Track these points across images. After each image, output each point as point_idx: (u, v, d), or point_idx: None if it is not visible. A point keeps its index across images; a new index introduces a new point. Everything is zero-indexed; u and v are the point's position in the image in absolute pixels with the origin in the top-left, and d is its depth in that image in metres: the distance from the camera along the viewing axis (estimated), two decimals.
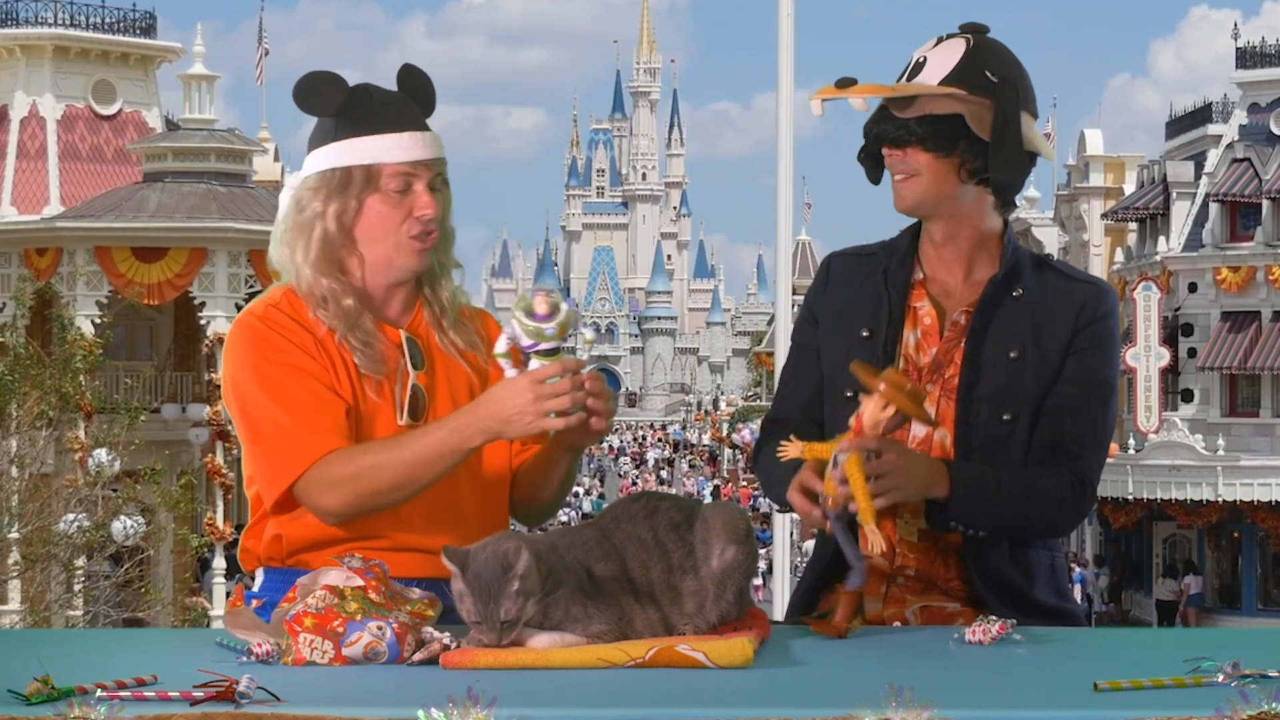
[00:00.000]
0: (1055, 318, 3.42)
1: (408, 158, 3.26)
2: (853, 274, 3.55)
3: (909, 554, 3.42)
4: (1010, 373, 3.38)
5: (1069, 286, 3.46)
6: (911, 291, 3.49)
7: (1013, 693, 2.55)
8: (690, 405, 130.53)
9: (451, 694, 2.23)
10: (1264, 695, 2.25)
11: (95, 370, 26.62)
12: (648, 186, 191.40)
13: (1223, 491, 37.91)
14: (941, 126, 3.36)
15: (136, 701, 2.33)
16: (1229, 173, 42.91)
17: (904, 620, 3.41)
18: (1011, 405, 3.37)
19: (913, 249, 3.51)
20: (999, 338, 3.40)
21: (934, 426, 3.32)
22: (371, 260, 3.30)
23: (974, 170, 3.39)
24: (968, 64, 3.37)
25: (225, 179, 34.05)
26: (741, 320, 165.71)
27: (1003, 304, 3.42)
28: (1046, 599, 3.42)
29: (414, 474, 3.12)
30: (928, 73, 3.39)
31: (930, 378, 3.43)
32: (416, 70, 3.38)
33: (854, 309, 3.49)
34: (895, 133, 3.38)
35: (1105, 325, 3.45)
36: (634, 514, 2.84)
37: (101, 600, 23.74)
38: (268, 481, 3.20)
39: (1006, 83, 3.37)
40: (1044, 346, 3.40)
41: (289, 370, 3.20)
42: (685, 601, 2.80)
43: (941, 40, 3.44)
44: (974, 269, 3.47)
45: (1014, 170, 3.39)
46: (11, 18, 38.68)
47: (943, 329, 3.46)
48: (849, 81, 3.37)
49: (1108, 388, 3.44)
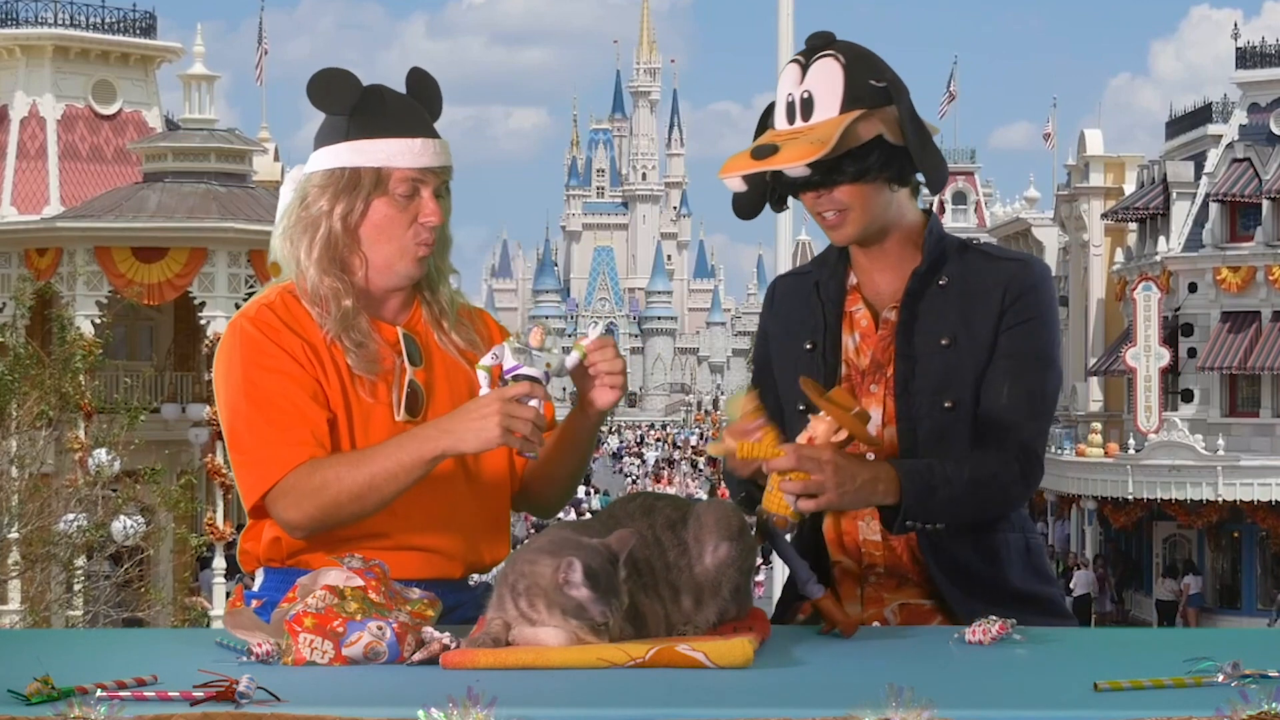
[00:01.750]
0: (982, 299, 3.42)
1: (418, 164, 3.26)
2: (793, 292, 3.61)
3: (874, 552, 3.45)
4: (944, 360, 3.39)
5: (993, 266, 3.46)
6: (846, 297, 3.52)
7: (1013, 693, 2.55)
8: (690, 405, 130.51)
9: (451, 694, 2.23)
10: (1264, 695, 2.25)
11: (95, 370, 26.61)
12: (648, 186, 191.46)
13: (1223, 491, 37.91)
14: (868, 155, 3.34)
15: (136, 701, 2.33)
16: (1229, 173, 42.90)
17: (884, 620, 3.42)
18: (950, 392, 3.39)
19: (844, 257, 3.54)
20: (928, 328, 3.42)
21: (876, 446, 3.30)
22: (373, 262, 3.29)
23: (897, 178, 3.40)
24: (853, 81, 3.34)
25: (225, 179, 34.04)
26: (741, 320, 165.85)
27: (928, 294, 3.44)
28: (1021, 583, 3.43)
29: (375, 484, 3.10)
30: (822, 107, 3.34)
31: (873, 378, 3.45)
32: (425, 74, 3.37)
33: (797, 325, 3.54)
34: (825, 178, 3.35)
35: (1034, 297, 3.44)
36: (632, 513, 2.85)
37: (101, 600, 23.72)
38: (244, 490, 3.22)
39: (892, 81, 3.36)
40: (974, 330, 3.41)
41: (274, 376, 3.19)
42: (683, 599, 2.80)
43: (806, 67, 3.37)
44: (902, 265, 3.48)
45: (937, 158, 3.39)
46: (11, 18, 38.66)
47: (878, 329, 3.48)
48: (769, 150, 3.31)
49: (1044, 358, 3.44)
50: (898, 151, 3.35)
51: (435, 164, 3.28)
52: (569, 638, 2.65)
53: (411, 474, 3.10)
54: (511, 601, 2.69)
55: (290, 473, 3.13)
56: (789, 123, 3.37)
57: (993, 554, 3.42)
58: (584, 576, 2.63)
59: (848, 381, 3.46)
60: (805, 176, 3.34)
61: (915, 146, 3.35)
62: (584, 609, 2.63)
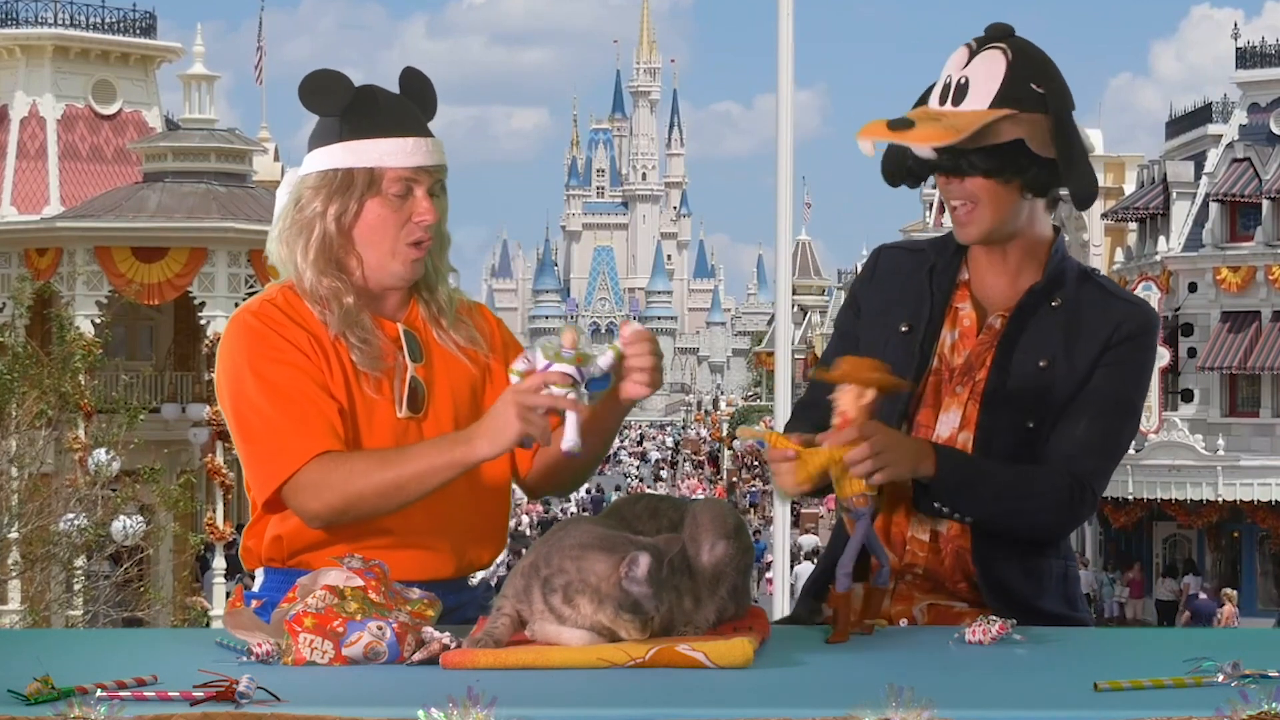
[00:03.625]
0: (1089, 331, 3.39)
1: (410, 163, 3.26)
2: (900, 268, 3.53)
3: (918, 552, 3.42)
4: (1038, 381, 3.36)
5: (1108, 302, 3.43)
6: (955, 291, 3.48)
7: (1013, 693, 2.55)
8: (690, 405, 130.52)
9: (451, 694, 2.23)
10: (1264, 695, 2.25)
11: (95, 370, 26.62)
12: (648, 186, 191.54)
13: (1223, 491, 37.91)
14: (1004, 155, 3.30)
15: (136, 701, 2.33)
16: (1229, 173, 42.89)
17: (911, 618, 3.40)
18: (1035, 414, 3.36)
19: (962, 249, 3.49)
20: (1030, 346, 3.38)
21: (904, 385, 3.23)
22: (369, 262, 3.29)
23: (1033, 186, 3.35)
24: (1014, 80, 3.29)
25: (225, 179, 34.05)
26: (741, 320, 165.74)
27: (1039, 312, 3.40)
28: (1054, 608, 3.40)
29: (402, 484, 3.10)
30: (974, 97, 3.30)
31: (960, 379, 3.42)
32: (418, 73, 3.37)
33: (897, 303, 3.47)
34: (955, 164, 3.32)
35: (1137, 344, 3.41)
36: (639, 514, 2.85)
37: (101, 600, 23.72)
38: (258, 482, 3.20)
39: (1055, 91, 3.32)
40: (1074, 359, 3.37)
41: (283, 368, 3.19)
42: (683, 599, 2.80)
43: (974, 53, 3.34)
44: (1020, 275, 3.44)
45: (1088, 177, 3.34)
46: (11, 18, 38.67)
47: (979, 332, 3.45)
48: (905, 124, 3.29)
49: (1128, 405, 3.41)
50: (1039, 160, 3.30)
51: (428, 163, 3.27)
52: (590, 640, 2.65)
53: (440, 479, 3.10)
54: (542, 597, 2.67)
55: (309, 463, 3.12)
56: (940, 103, 3.34)
57: (1037, 578, 3.40)
58: (647, 572, 2.63)
59: (935, 375, 3.43)
60: (933, 160, 3.32)
61: (1064, 160, 3.30)
62: (640, 605, 2.63)
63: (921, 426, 3.42)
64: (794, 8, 9.50)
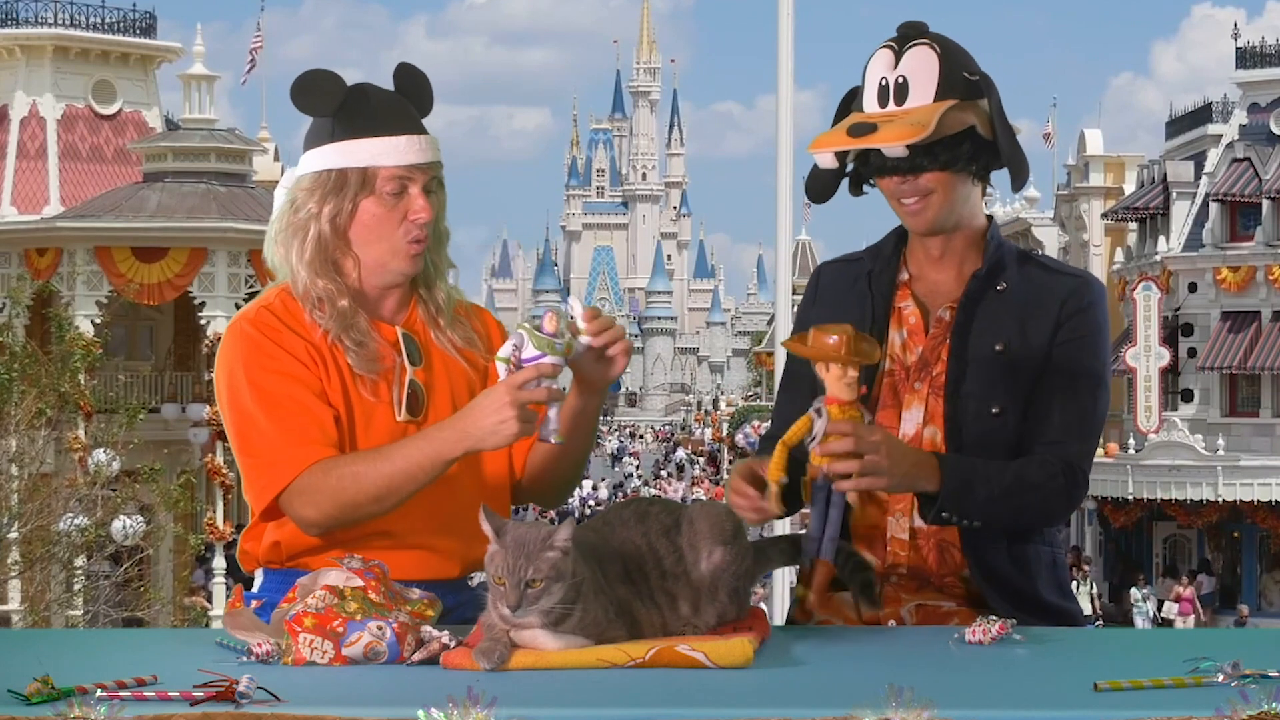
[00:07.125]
0: (1039, 310, 3.43)
1: (404, 161, 3.25)
2: (840, 281, 3.58)
3: (900, 551, 3.43)
4: (996, 367, 3.39)
5: (1052, 279, 3.47)
6: (896, 292, 3.51)
7: (1013, 693, 2.55)
8: (690, 405, 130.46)
9: (451, 694, 2.23)
10: (1264, 695, 2.25)
11: (94, 370, 26.62)
12: (648, 186, 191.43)
13: (1223, 491, 37.88)
14: (959, 145, 3.36)
15: (136, 701, 2.33)
16: (1229, 173, 42.89)
17: (899, 620, 3.40)
18: (999, 399, 3.38)
19: (898, 251, 3.53)
20: (983, 332, 3.41)
21: (875, 356, 3.22)
22: (366, 262, 3.29)
23: (982, 173, 3.43)
24: (949, 71, 3.37)
25: (225, 179, 34.05)
26: (741, 320, 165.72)
27: (986, 298, 3.44)
28: (1048, 596, 3.43)
29: (394, 485, 3.10)
30: (917, 93, 3.36)
31: (919, 376, 3.45)
32: (413, 69, 3.37)
33: (841, 314, 3.49)
34: (913, 162, 3.36)
35: (1090, 316, 3.45)
36: (626, 520, 2.84)
37: (101, 600, 23.74)
38: (255, 492, 3.20)
39: (984, 77, 3.39)
40: (1029, 338, 3.41)
41: (278, 378, 3.19)
42: (680, 606, 2.79)
43: (899, 53, 3.39)
44: (964, 264, 3.49)
45: (1022, 158, 3.41)
46: (11, 18, 38.67)
47: (927, 327, 3.47)
48: (867, 128, 3.32)
49: (1095, 377, 3.45)
50: (986, 145, 3.38)
51: (422, 160, 3.27)
52: (564, 645, 2.64)
53: (430, 474, 3.10)
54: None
55: (304, 472, 3.13)
56: (881, 106, 3.37)
57: (1024, 565, 3.42)
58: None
59: (890, 377, 3.45)
60: (899, 159, 3.35)
61: (1004, 143, 3.37)
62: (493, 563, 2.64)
63: (884, 429, 3.43)
64: (794, 8, 9.51)
